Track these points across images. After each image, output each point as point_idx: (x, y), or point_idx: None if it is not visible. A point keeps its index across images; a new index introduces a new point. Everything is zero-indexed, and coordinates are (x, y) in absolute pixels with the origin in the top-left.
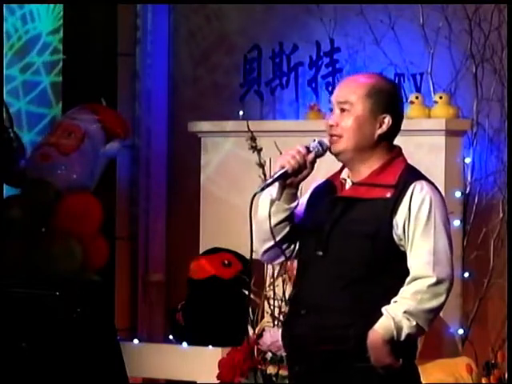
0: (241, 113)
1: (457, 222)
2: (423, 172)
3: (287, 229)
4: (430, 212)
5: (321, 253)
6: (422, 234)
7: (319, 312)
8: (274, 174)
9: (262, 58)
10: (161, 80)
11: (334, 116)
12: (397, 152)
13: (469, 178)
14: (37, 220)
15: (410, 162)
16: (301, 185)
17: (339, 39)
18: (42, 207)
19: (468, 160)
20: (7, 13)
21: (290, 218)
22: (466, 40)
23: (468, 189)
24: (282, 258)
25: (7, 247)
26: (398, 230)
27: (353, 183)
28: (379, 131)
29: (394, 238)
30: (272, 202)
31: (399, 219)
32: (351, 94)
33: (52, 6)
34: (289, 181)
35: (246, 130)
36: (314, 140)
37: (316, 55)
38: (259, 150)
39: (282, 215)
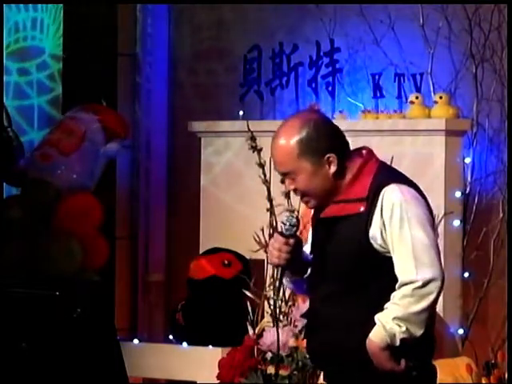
0: (241, 113)
1: (457, 222)
2: (422, 171)
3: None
4: (401, 215)
5: (317, 274)
6: (398, 238)
7: (324, 329)
8: (276, 275)
9: (262, 57)
10: (161, 80)
11: (288, 183)
12: (365, 158)
13: (469, 178)
14: (37, 220)
15: (409, 162)
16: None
17: (339, 39)
18: (42, 207)
19: (468, 160)
20: (23, 5)
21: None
22: (465, 40)
23: (468, 189)
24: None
25: (7, 247)
26: (378, 241)
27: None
28: (332, 170)
29: (376, 248)
30: (293, 282)
31: (375, 231)
32: (287, 163)
33: (61, 30)
34: (292, 265)
35: (246, 129)
36: (282, 222)
37: (316, 55)
38: (259, 150)
39: (304, 282)
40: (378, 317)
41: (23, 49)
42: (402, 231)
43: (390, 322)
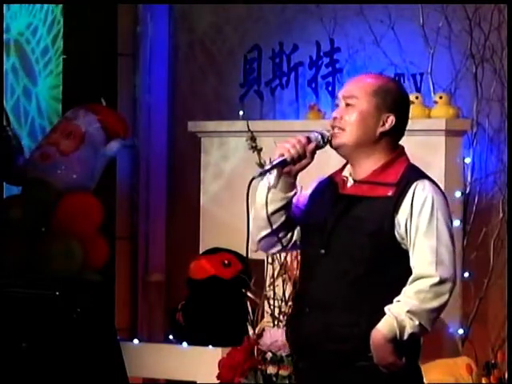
0: (241, 113)
1: (457, 222)
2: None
3: (284, 217)
4: (432, 211)
5: (323, 251)
6: (424, 233)
7: (322, 310)
8: (273, 161)
9: (262, 57)
10: (161, 80)
11: (338, 109)
12: (399, 152)
13: (469, 178)
14: (37, 220)
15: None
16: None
17: (339, 39)
18: (42, 207)
19: (468, 160)
20: (48, 27)
21: (287, 207)
22: (466, 40)
23: (468, 189)
24: (279, 247)
25: (7, 247)
26: (400, 229)
27: (355, 181)
28: (381, 129)
29: (396, 236)
30: (269, 190)
31: (401, 218)
32: (358, 89)
33: (60, 88)
34: (286, 169)
35: (246, 129)
36: (315, 131)
37: (316, 55)
38: (259, 150)
39: (279, 204)
40: (389, 308)
41: (26, 55)
42: (430, 227)
43: (402, 315)
